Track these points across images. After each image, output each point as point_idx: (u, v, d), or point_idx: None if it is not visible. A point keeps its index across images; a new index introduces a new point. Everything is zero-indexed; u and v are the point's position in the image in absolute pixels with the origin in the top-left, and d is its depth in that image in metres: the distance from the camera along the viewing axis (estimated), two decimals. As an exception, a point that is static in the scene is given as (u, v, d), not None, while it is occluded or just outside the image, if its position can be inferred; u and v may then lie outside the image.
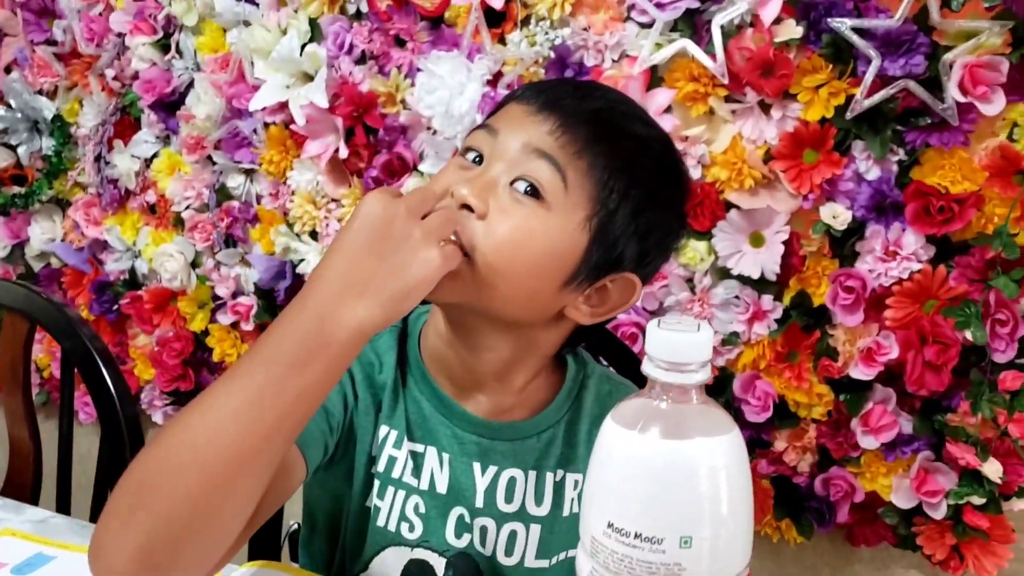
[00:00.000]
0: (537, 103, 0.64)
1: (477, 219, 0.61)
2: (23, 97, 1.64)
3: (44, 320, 0.94)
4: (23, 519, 0.77)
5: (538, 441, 0.71)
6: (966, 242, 1.06)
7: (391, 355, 0.71)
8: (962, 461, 1.07)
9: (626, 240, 0.64)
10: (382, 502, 0.69)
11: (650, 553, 0.41)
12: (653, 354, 0.42)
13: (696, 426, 0.42)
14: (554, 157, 0.62)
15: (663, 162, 0.68)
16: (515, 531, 0.69)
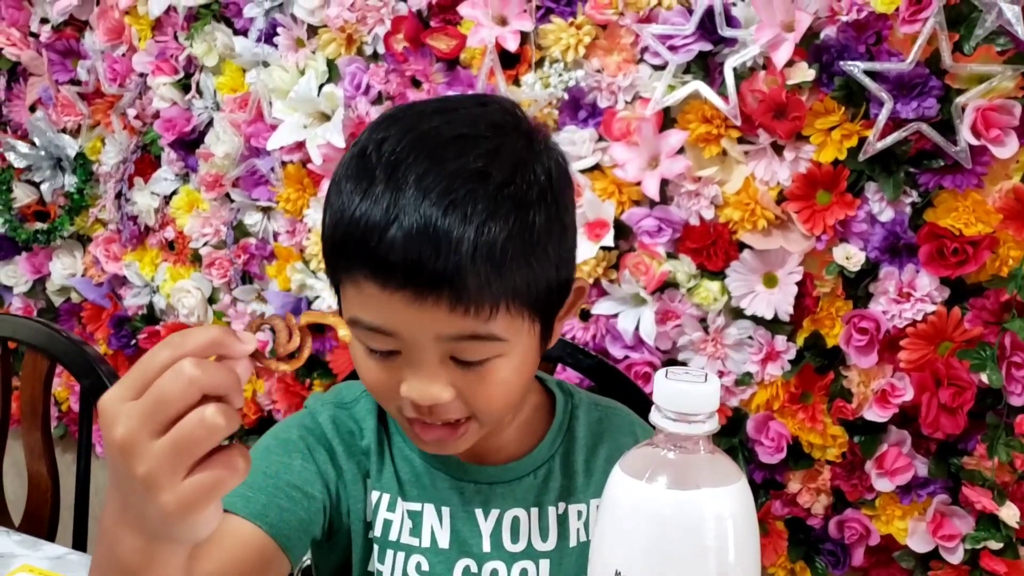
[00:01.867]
0: (397, 277, 0.54)
1: (456, 400, 0.59)
2: (47, 135, 1.67)
3: (64, 358, 0.96)
4: (40, 555, 0.78)
5: (535, 478, 0.71)
6: (980, 284, 1.06)
7: (370, 419, 0.71)
8: (979, 505, 1.06)
9: (558, 274, 0.62)
10: (383, 566, 0.69)
11: None
12: (661, 404, 0.43)
13: (703, 476, 0.43)
14: (478, 333, 0.57)
15: (519, 183, 0.58)
16: (525, 569, 0.69)
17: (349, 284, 0.58)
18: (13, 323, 1.02)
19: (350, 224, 0.56)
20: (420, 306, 0.55)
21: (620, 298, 1.26)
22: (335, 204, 0.59)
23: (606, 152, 1.22)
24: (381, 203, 0.55)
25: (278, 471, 0.66)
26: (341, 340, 0.58)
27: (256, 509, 0.63)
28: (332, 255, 0.60)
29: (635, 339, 1.25)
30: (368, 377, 0.62)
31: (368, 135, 0.60)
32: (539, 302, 0.60)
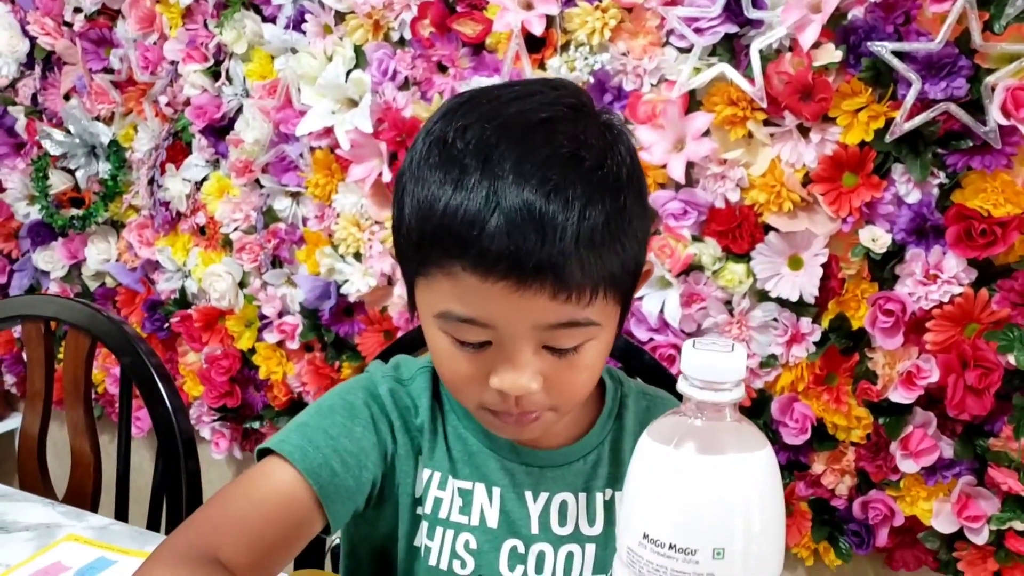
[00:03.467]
0: (500, 267, 0.53)
1: (541, 392, 0.59)
2: (81, 123, 1.71)
3: (105, 337, 0.98)
4: (85, 526, 0.80)
5: (584, 464, 0.71)
6: (1009, 266, 1.06)
7: (425, 398, 0.71)
8: (1004, 486, 1.06)
9: (640, 255, 0.62)
10: (432, 542, 0.70)
11: (684, 564, 0.42)
12: (688, 373, 0.44)
13: (730, 442, 0.44)
14: (576, 319, 0.56)
15: (609, 167, 0.57)
16: (572, 552, 0.70)
17: (441, 276, 0.56)
18: (56, 303, 1.05)
19: (444, 215, 0.55)
20: (522, 295, 0.54)
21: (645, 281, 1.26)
22: (419, 195, 0.57)
23: (632, 135, 1.22)
24: (478, 192, 0.53)
25: (339, 434, 0.66)
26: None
27: (311, 465, 0.64)
28: (419, 247, 0.58)
29: (660, 322, 1.26)
30: (454, 371, 0.61)
31: (444, 123, 0.58)
32: (626, 284, 0.60)
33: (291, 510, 0.63)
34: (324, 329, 1.55)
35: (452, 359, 0.60)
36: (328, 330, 1.55)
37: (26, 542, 0.77)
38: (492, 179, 0.54)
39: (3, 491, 0.88)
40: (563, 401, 0.62)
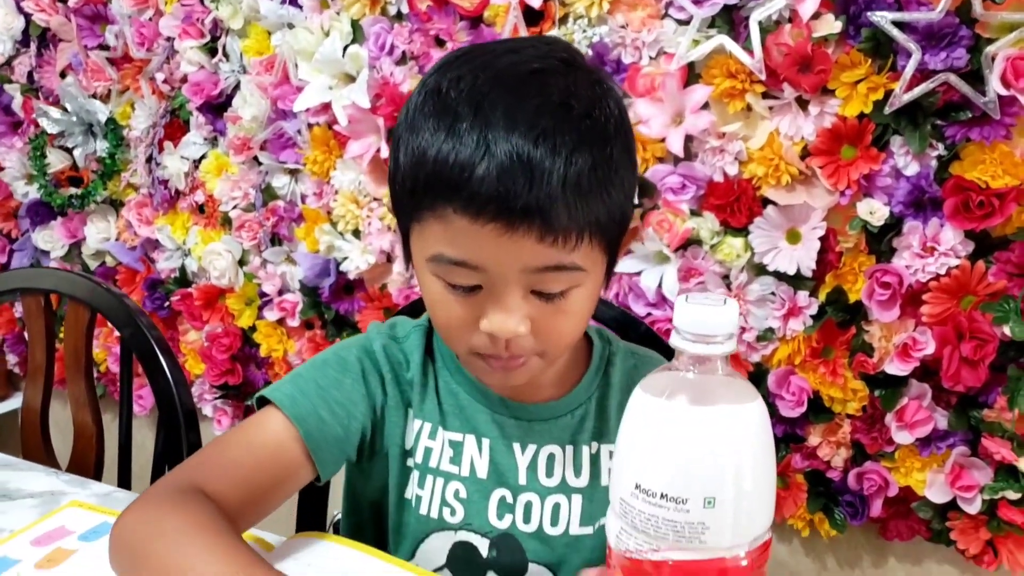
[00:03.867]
0: (489, 208, 0.55)
1: (529, 336, 0.62)
2: (78, 101, 1.70)
3: (105, 310, 0.99)
4: (88, 493, 0.81)
5: (572, 418, 0.73)
6: (1006, 237, 1.06)
7: (418, 354, 0.74)
8: (998, 456, 1.07)
9: (626, 206, 0.64)
10: (423, 491, 0.72)
11: (675, 513, 0.43)
12: (681, 327, 0.45)
13: (721, 395, 0.44)
14: (563, 263, 0.58)
15: (596, 117, 0.59)
16: (558, 503, 0.72)
17: (433, 221, 0.59)
18: (55, 276, 1.06)
19: (437, 161, 0.57)
20: (510, 237, 0.56)
21: (643, 256, 1.27)
22: (413, 144, 0.59)
23: (630, 108, 1.22)
24: (470, 138, 0.56)
25: (329, 385, 0.70)
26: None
27: (299, 412, 0.67)
28: (412, 194, 0.60)
29: (658, 296, 1.26)
30: (446, 315, 0.63)
31: (438, 76, 0.60)
32: (612, 233, 0.62)
33: (280, 455, 0.67)
34: (324, 307, 1.56)
35: (444, 304, 0.62)
36: (328, 307, 1.55)
37: (30, 508, 0.78)
38: (483, 125, 0.56)
39: (7, 460, 0.89)
40: (550, 346, 0.64)
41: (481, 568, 0.72)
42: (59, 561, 0.68)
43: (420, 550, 0.73)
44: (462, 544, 0.72)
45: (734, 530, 0.43)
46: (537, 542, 0.72)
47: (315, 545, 0.67)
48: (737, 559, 0.44)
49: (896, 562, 1.26)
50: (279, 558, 0.66)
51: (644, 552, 0.44)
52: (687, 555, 0.43)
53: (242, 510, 0.64)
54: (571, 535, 0.72)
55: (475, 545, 0.72)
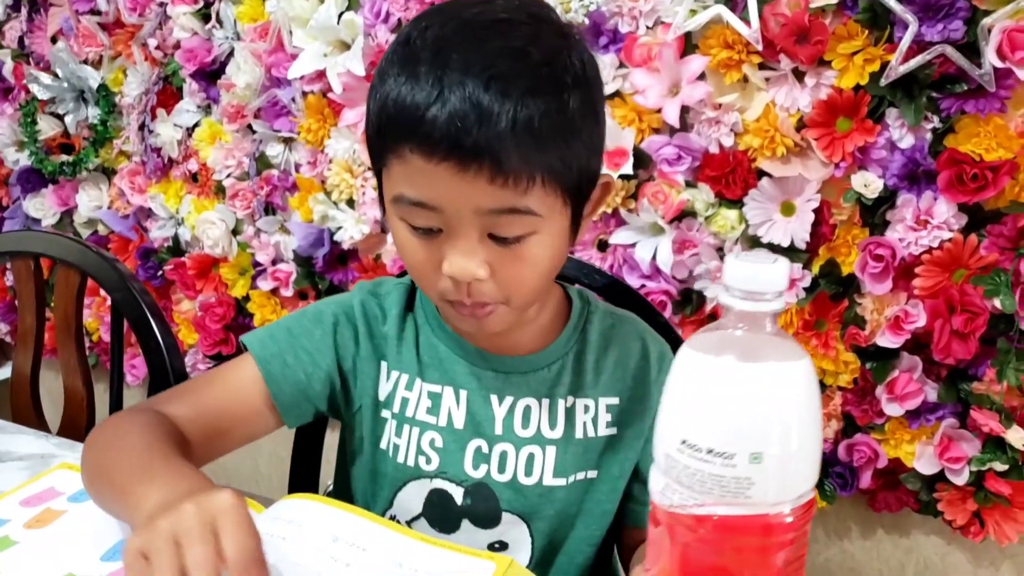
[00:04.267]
0: (442, 146, 0.57)
1: (490, 281, 0.63)
2: (69, 67, 1.68)
3: (96, 273, 0.98)
4: (78, 455, 0.81)
5: (549, 372, 0.74)
6: (999, 210, 1.06)
7: (396, 308, 0.76)
8: (986, 428, 1.08)
9: (589, 161, 0.65)
10: (400, 439, 0.74)
11: (721, 467, 0.43)
12: (730, 284, 0.44)
13: (769, 352, 0.44)
14: (516, 206, 0.59)
15: (556, 65, 0.60)
16: (532, 454, 0.73)
17: (395, 161, 0.61)
18: (45, 239, 1.05)
19: (396, 103, 0.59)
20: (462, 177, 0.57)
21: (638, 227, 1.27)
22: (380, 92, 0.61)
23: (627, 79, 1.22)
24: (426, 80, 0.57)
25: (300, 333, 0.74)
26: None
27: (265, 354, 0.72)
28: (378, 137, 0.62)
29: (652, 268, 1.26)
30: (413, 258, 0.64)
31: (411, 27, 0.63)
32: (571, 184, 0.63)
33: (242, 392, 0.72)
34: (318, 276, 1.56)
35: (410, 246, 0.64)
36: (322, 277, 1.55)
37: (20, 471, 0.78)
38: (440, 69, 0.58)
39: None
40: (512, 294, 0.64)
41: (456, 515, 0.74)
42: (48, 521, 0.68)
43: (398, 498, 0.75)
44: (437, 492, 0.73)
45: (779, 486, 0.44)
46: (511, 491, 0.73)
47: (305, 505, 0.68)
48: (781, 516, 0.44)
49: (884, 533, 1.27)
50: (267, 518, 0.66)
51: (689, 507, 0.45)
52: (732, 510, 0.44)
53: (199, 438, 0.68)
54: (544, 486, 0.73)
55: (450, 493, 0.73)
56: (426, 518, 0.74)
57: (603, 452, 0.75)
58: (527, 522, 0.74)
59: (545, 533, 0.75)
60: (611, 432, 0.75)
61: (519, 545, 0.75)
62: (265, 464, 1.86)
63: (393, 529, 0.65)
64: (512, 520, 0.74)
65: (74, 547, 0.64)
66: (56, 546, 0.64)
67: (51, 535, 0.66)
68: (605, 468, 0.76)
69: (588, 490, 0.75)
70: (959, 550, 1.22)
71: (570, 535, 0.76)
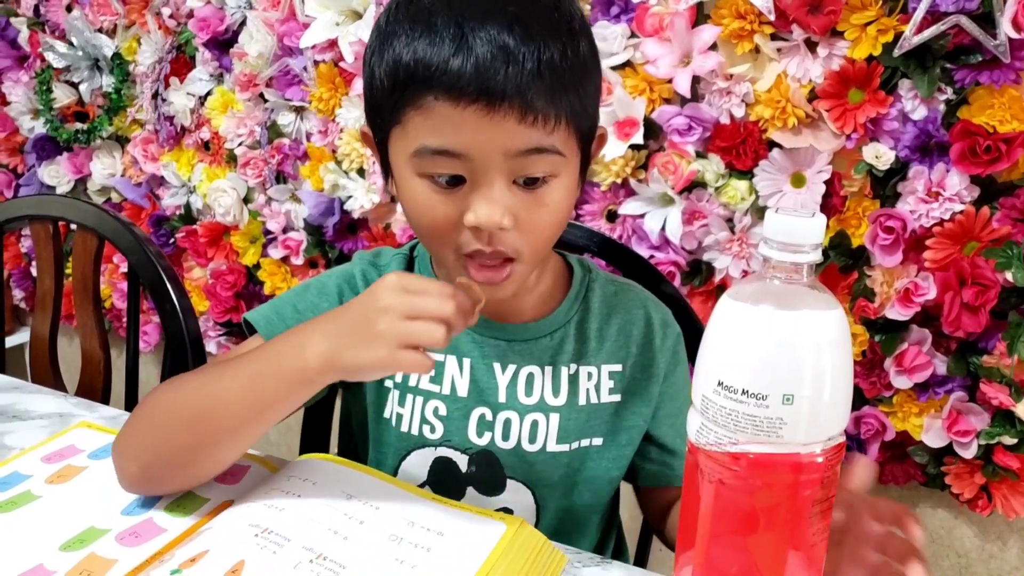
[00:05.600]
0: (470, 90, 0.57)
1: (512, 231, 0.63)
2: (84, 35, 1.69)
3: (113, 237, 1.00)
4: (97, 415, 0.83)
5: (551, 340, 0.75)
6: (1012, 183, 1.06)
7: None
8: (995, 401, 1.08)
9: (595, 107, 0.66)
10: (403, 409, 0.75)
11: (755, 408, 0.45)
12: (770, 236, 0.46)
13: (804, 301, 0.46)
14: (543, 145, 0.60)
15: (563, 11, 0.62)
16: (536, 421, 0.74)
17: (414, 114, 0.60)
18: (63, 203, 1.06)
19: (416, 55, 0.59)
20: (491, 119, 0.58)
21: (648, 198, 1.27)
22: (389, 52, 0.61)
23: (638, 49, 1.21)
24: (447, 31, 0.58)
25: (306, 309, 0.74)
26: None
27: (273, 333, 0.71)
28: (392, 93, 0.61)
29: (661, 239, 1.26)
30: (430, 216, 0.63)
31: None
32: (585, 127, 0.64)
33: None
34: (328, 245, 1.57)
35: (428, 204, 0.63)
36: (332, 246, 1.56)
37: (40, 429, 0.80)
38: (458, 17, 0.58)
39: (16, 383, 0.91)
40: (531, 242, 0.64)
41: (461, 483, 0.75)
42: (69, 477, 0.70)
43: (402, 467, 0.76)
44: (442, 460, 0.74)
45: (809, 427, 0.46)
46: (515, 458, 0.74)
47: (318, 465, 0.69)
48: (812, 455, 0.46)
49: (889, 505, 1.28)
50: (282, 476, 0.67)
51: (724, 445, 0.47)
52: (765, 448, 0.46)
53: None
54: (548, 452, 0.74)
55: (455, 461, 0.74)
56: (431, 486, 0.75)
57: (608, 419, 0.76)
58: (531, 489, 0.75)
59: (549, 500, 0.76)
60: (615, 399, 0.76)
61: (524, 511, 0.76)
62: (275, 433, 1.88)
63: (406, 489, 0.67)
64: (516, 487, 0.75)
65: (95, 501, 0.66)
66: (77, 500, 0.66)
67: (72, 490, 0.68)
68: (611, 435, 0.76)
69: (593, 457, 0.76)
70: (966, 524, 1.23)
71: (575, 501, 0.77)
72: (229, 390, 0.63)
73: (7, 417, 0.82)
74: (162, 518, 0.63)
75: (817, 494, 0.47)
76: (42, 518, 0.64)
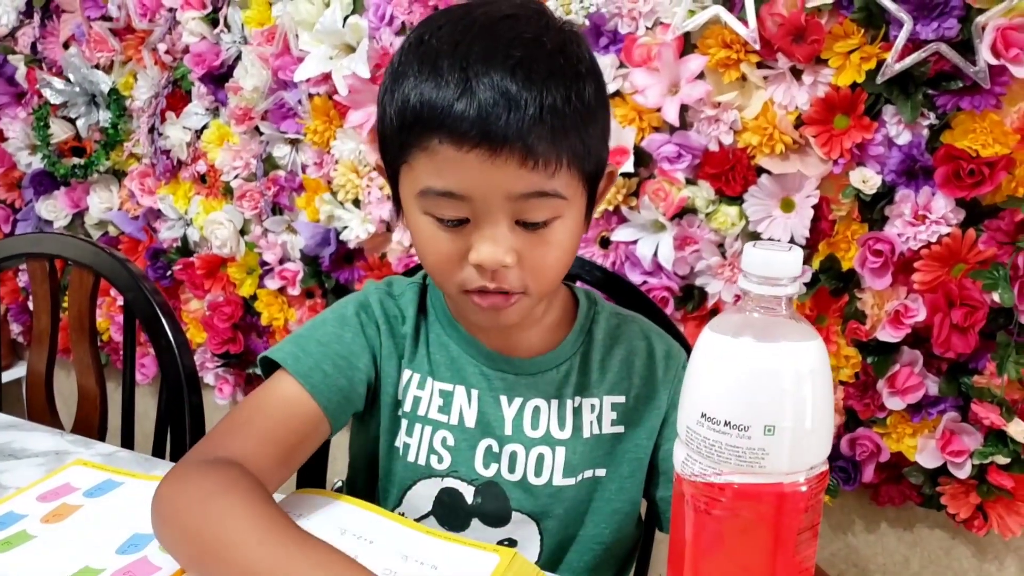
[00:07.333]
0: (472, 135, 0.58)
1: (516, 268, 0.64)
2: (81, 72, 1.71)
3: (108, 274, 1.01)
4: (92, 452, 0.84)
5: (557, 373, 0.76)
6: (996, 205, 1.07)
7: (412, 308, 0.77)
8: (987, 421, 1.09)
9: (602, 148, 0.67)
10: (411, 439, 0.75)
11: (737, 439, 0.46)
12: (748, 270, 0.48)
13: (784, 333, 0.47)
14: (544, 189, 0.61)
15: (569, 55, 0.63)
16: (542, 454, 0.75)
17: (420, 155, 0.62)
18: (60, 241, 1.08)
19: (422, 98, 0.60)
20: (493, 163, 0.59)
21: (639, 224, 1.28)
22: (399, 92, 0.63)
23: (627, 79, 1.23)
24: (451, 75, 0.59)
25: (329, 340, 0.73)
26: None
27: (303, 369, 0.70)
28: (400, 132, 0.63)
29: (653, 265, 1.28)
30: (436, 251, 0.65)
31: (420, 30, 0.65)
32: (589, 169, 0.65)
33: (294, 413, 0.69)
34: (324, 275, 1.58)
35: (434, 240, 0.65)
36: (328, 276, 1.57)
37: (36, 467, 0.80)
38: (463, 62, 0.60)
39: (12, 421, 0.91)
40: (536, 280, 0.66)
41: (466, 514, 0.75)
42: (65, 516, 0.71)
43: (407, 497, 0.76)
44: (448, 491, 0.75)
45: (791, 456, 0.47)
46: (521, 491, 0.74)
47: (312, 500, 0.70)
48: (796, 484, 0.47)
49: (888, 527, 1.28)
50: (277, 511, 0.68)
51: (708, 476, 0.48)
52: (748, 479, 0.47)
53: (270, 470, 0.66)
54: (554, 485, 0.75)
55: (461, 492, 0.75)
56: (435, 516, 0.76)
57: (610, 450, 0.76)
58: (536, 521, 0.76)
59: (554, 532, 0.76)
60: (617, 430, 0.77)
61: (528, 544, 0.76)
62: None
63: (399, 522, 0.67)
64: (521, 519, 0.75)
65: (90, 541, 0.66)
66: (73, 540, 0.66)
67: (67, 529, 0.68)
68: (613, 466, 0.77)
69: (597, 488, 0.76)
70: (963, 544, 1.23)
71: (579, 534, 0.77)
72: (232, 550, 0.56)
73: (3, 456, 0.83)
74: (156, 556, 0.64)
75: (802, 522, 0.47)
76: (37, 558, 0.64)
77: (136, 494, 0.73)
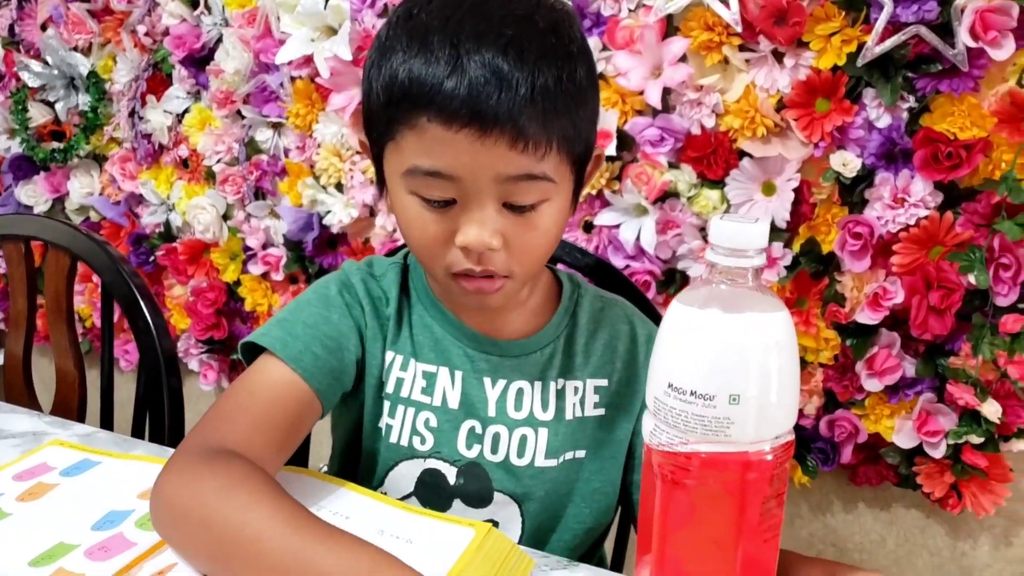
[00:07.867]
0: (462, 114, 0.57)
1: (502, 251, 0.64)
2: (59, 54, 1.69)
3: (86, 256, 1.00)
4: (70, 433, 0.83)
5: (541, 355, 0.75)
6: (973, 188, 1.08)
7: (395, 290, 0.76)
8: (962, 401, 1.10)
9: (591, 131, 0.67)
10: (393, 420, 0.75)
11: (703, 408, 0.47)
12: (715, 242, 0.48)
13: (750, 304, 0.48)
14: (533, 172, 0.60)
15: (561, 34, 0.62)
16: (525, 435, 0.75)
17: (408, 133, 0.61)
18: (36, 222, 1.07)
19: (411, 74, 0.59)
20: (482, 143, 0.58)
21: (622, 208, 1.29)
22: (386, 67, 0.61)
23: (609, 61, 1.23)
24: (442, 51, 0.58)
25: (316, 322, 0.71)
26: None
27: (292, 353, 0.69)
28: (387, 108, 0.61)
29: (636, 249, 1.28)
30: (421, 233, 0.64)
31: (407, 4, 0.63)
32: (578, 152, 0.64)
33: (287, 397, 0.68)
34: (308, 260, 1.57)
35: (420, 221, 0.64)
36: (312, 261, 1.57)
37: (12, 447, 0.80)
38: (454, 38, 0.58)
39: (-10, 403, 0.91)
40: (521, 263, 0.66)
41: (448, 495, 0.75)
42: (40, 494, 0.70)
43: (389, 477, 0.76)
44: (430, 471, 0.75)
45: (757, 426, 0.47)
46: (503, 472, 0.75)
47: (290, 477, 0.70)
48: (761, 453, 0.48)
49: (865, 507, 1.30)
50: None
51: (675, 445, 0.48)
52: (714, 447, 0.47)
53: (269, 457, 0.65)
54: (536, 467, 0.75)
55: (443, 472, 0.74)
56: (417, 496, 0.75)
57: (592, 432, 0.77)
58: (518, 502, 0.76)
59: (535, 513, 0.76)
60: (599, 413, 0.77)
61: (510, 525, 0.76)
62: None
63: (375, 499, 0.67)
64: (503, 500, 0.75)
65: (66, 518, 0.66)
66: (48, 517, 0.66)
67: (43, 507, 0.68)
68: (594, 448, 0.77)
69: (578, 470, 0.77)
70: (938, 522, 1.25)
71: (561, 515, 0.77)
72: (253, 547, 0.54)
73: (-20, 437, 0.82)
74: (132, 532, 0.64)
75: (768, 491, 0.48)
76: (11, 535, 0.64)
77: (113, 473, 0.73)
